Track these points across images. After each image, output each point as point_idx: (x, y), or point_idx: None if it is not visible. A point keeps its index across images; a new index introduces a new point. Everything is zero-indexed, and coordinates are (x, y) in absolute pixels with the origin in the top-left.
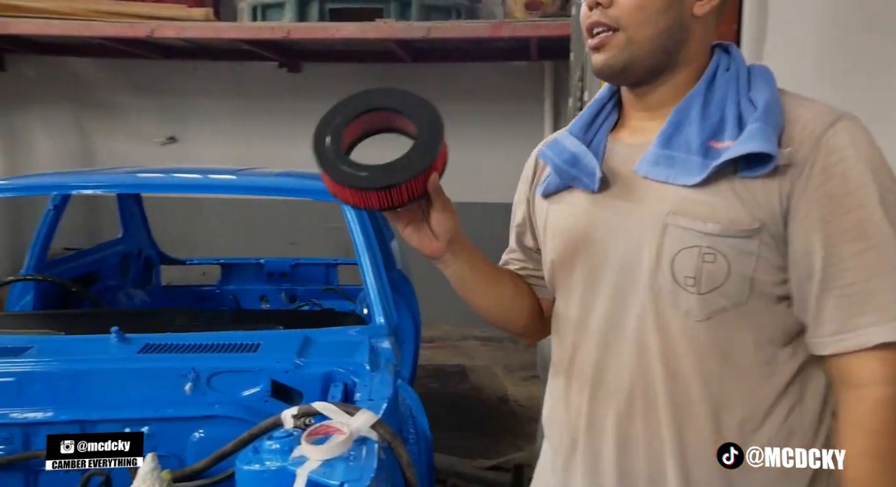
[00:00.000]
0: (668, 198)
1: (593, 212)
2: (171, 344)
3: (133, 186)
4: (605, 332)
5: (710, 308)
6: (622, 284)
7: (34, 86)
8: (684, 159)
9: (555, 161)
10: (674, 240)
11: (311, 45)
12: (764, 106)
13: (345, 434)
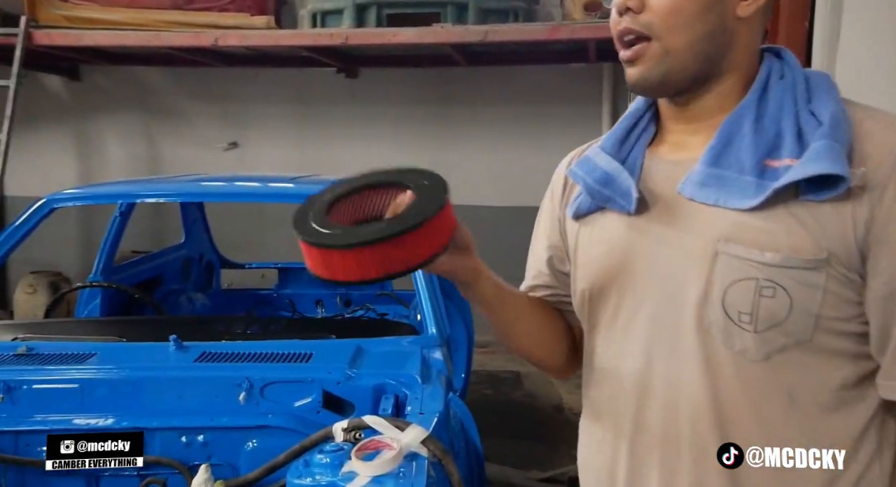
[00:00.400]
0: (718, 223)
1: (630, 238)
2: (226, 353)
3: (196, 195)
4: (645, 374)
5: (769, 347)
6: (664, 321)
7: (106, 95)
8: (737, 179)
9: (586, 180)
10: (726, 270)
11: (369, 50)
12: (831, 120)
13: (395, 450)
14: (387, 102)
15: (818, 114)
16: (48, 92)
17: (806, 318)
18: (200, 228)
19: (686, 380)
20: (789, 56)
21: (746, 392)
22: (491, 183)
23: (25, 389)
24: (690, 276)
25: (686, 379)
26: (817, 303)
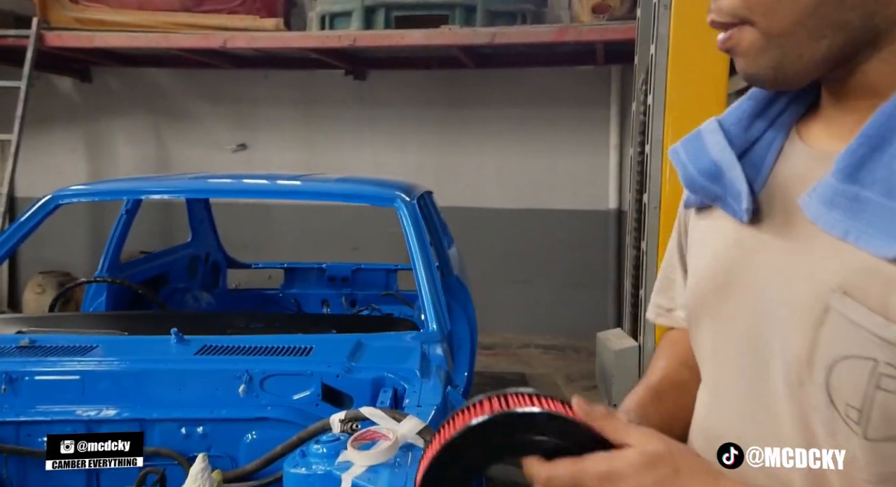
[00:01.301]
0: (840, 265)
1: (735, 256)
2: (226, 347)
3: (201, 192)
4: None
5: (888, 467)
6: (753, 375)
7: (116, 97)
8: (878, 206)
9: (687, 168)
10: (835, 337)
11: (377, 52)
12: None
13: (391, 441)
14: (395, 104)
15: None
16: (59, 93)
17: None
18: (207, 227)
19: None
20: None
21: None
22: (498, 185)
23: (27, 381)
24: (792, 334)
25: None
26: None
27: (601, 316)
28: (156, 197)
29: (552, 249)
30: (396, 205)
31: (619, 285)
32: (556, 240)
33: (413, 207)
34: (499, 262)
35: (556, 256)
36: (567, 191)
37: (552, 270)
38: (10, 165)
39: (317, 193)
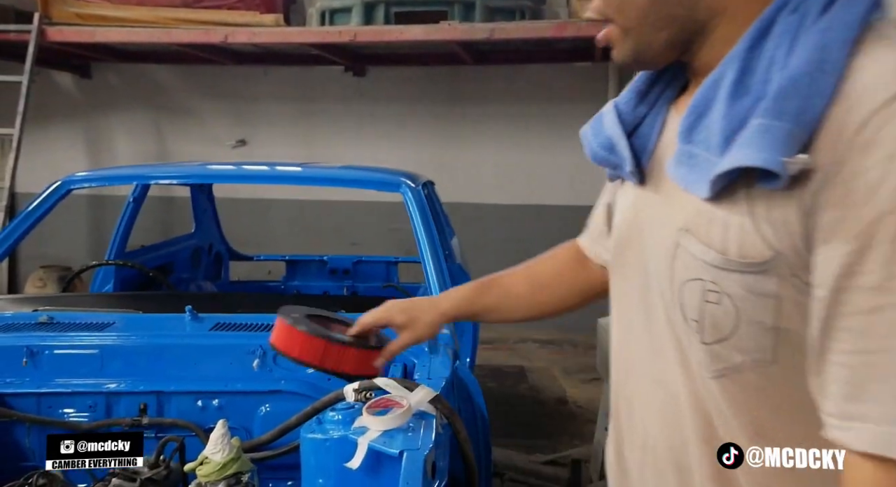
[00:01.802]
0: (685, 209)
1: (632, 215)
2: (239, 324)
3: (208, 177)
4: (632, 363)
5: (721, 364)
6: (647, 307)
7: (116, 93)
8: (703, 160)
9: (591, 144)
10: (681, 264)
11: (377, 48)
12: (781, 85)
13: (404, 407)
14: (394, 100)
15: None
16: (59, 89)
17: (761, 333)
18: (210, 219)
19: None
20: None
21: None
22: (496, 181)
23: (47, 354)
24: (662, 265)
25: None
26: (771, 315)
27: (598, 311)
28: (160, 187)
29: (550, 245)
30: (402, 191)
31: None
32: (554, 236)
33: (419, 193)
34: (497, 258)
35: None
36: (564, 187)
37: None
38: (12, 160)
39: (324, 179)
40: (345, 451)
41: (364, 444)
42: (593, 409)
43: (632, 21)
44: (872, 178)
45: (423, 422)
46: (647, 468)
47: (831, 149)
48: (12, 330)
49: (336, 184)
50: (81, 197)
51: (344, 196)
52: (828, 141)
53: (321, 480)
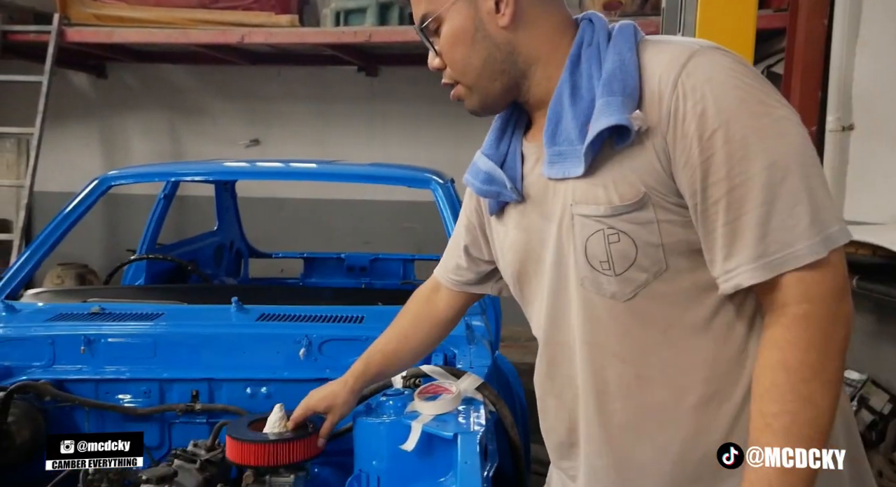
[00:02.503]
0: (570, 192)
1: (524, 223)
2: (284, 315)
3: (242, 174)
4: (553, 336)
5: (633, 285)
6: (559, 286)
7: (132, 93)
8: (570, 151)
9: (475, 184)
10: (581, 229)
11: (390, 48)
12: (605, 77)
13: (453, 393)
14: (406, 100)
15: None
16: (76, 89)
17: (654, 251)
18: (232, 217)
19: (574, 330)
20: (597, 18)
21: (623, 329)
22: None
23: (103, 342)
24: (564, 242)
25: (574, 328)
26: (656, 236)
27: None
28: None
29: None
30: (432, 188)
31: None
32: None
33: (448, 189)
34: None
35: None
36: None
37: None
38: (33, 159)
39: (357, 176)
40: (398, 434)
41: (418, 428)
42: None
43: (472, 79)
44: (695, 114)
45: (471, 408)
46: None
47: (657, 108)
48: (68, 319)
49: (369, 181)
50: None
51: (357, 195)
52: (652, 104)
53: (375, 462)
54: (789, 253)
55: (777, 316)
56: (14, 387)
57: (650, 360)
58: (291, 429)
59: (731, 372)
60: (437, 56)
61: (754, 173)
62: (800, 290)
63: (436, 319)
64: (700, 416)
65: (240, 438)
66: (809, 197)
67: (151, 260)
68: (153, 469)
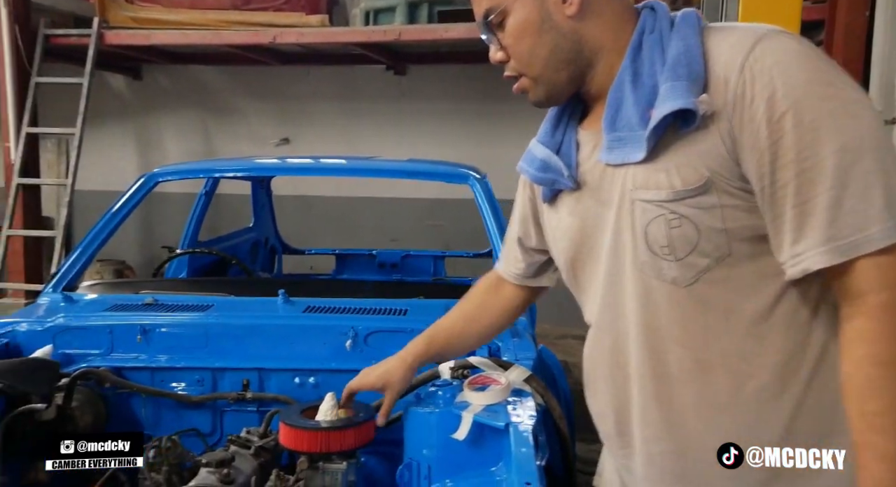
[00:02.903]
0: (629, 177)
1: (578, 210)
2: (329, 307)
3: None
4: (608, 322)
5: (694, 270)
6: (615, 271)
7: (166, 93)
8: (631, 137)
9: (529, 171)
10: (641, 214)
11: (419, 47)
12: (670, 61)
13: (502, 384)
14: (434, 98)
15: (667, 57)
16: (112, 90)
17: (716, 235)
18: (267, 214)
19: (630, 315)
20: (659, 6)
21: (683, 314)
22: None
23: (158, 332)
24: (622, 228)
25: (630, 314)
26: (719, 220)
27: None
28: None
29: None
30: (470, 183)
31: None
32: None
33: (485, 184)
34: None
35: None
36: None
37: None
38: (74, 158)
39: (396, 171)
40: (448, 424)
41: (469, 417)
42: None
43: (537, 71)
44: (763, 97)
45: (521, 399)
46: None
47: (723, 92)
48: (124, 310)
49: (408, 177)
50: None
51: (384, 193)
52: (717, 88)
53: (425, 450)
54: (862, 236)
55: (856, 306)
56: (78, 373)
57: (711, 346)
58: (343, 412)
59: (793, 360)
60: (501, 49)
61: (825, 156)
62: (877, 277)
63: (501, 308)
64: (762, 404)
65: (294, 425)
66: (884, 179)
67: (194, 255)
68: (212, 454)
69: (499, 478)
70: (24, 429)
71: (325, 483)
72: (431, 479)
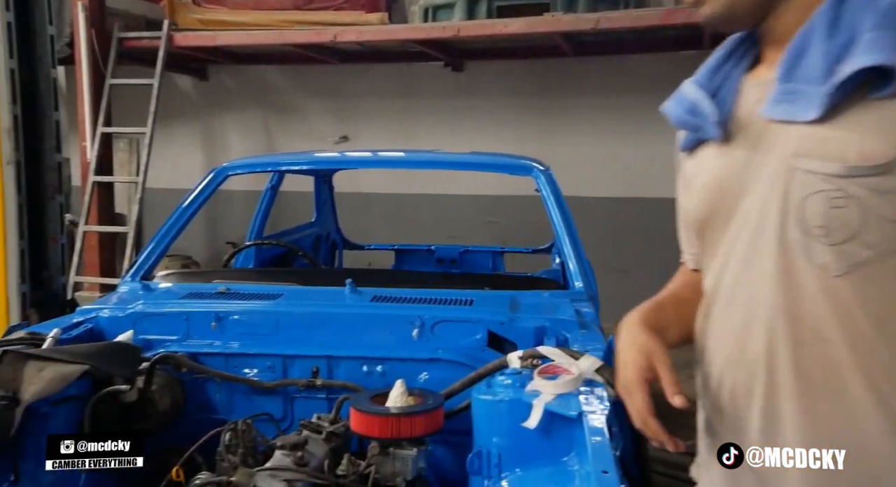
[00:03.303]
0: (792, 139)
1: (720, 166)
2: (396, 297)
3: (351, 163)
4: (734, 295)
5: (849, 260)
6: (754, 241)
7: (230, 94)
8: (806, 92)
9: (675, 111)
10: (799, 186)
11: (477, 43)
12: (885, 7)
13: (574, 374)
14: (492, 94)
15: None
16: (180, 91)
17: (884, 226)
18: (329, 209)
19: (762, 293)
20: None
21: (831, 307)
22: (595, 174)
23: (231, 320)
24: (771, 196)
25: (763, 292)
26: (894, 208)
27: None
28: (295, 173)
29: (650, 238)
30: (534, 174)
31: None
32: (655, 229)
33: (549, 175)
34: (595, 251)
35: (654, 245)
36: (666, 180)
37: (650, 260)
38: (145, 157)
39: (459, 163)
40: (519, 412)
41: (540, 406)
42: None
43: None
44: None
45: (593, 389)
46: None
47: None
48: (199, 297)
49: (470, 169)
50: None
51: (441, 189)
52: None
53: (495, 439)
54: None
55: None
56: (158, 357)
57: (858, 347)
58: (412, 399)
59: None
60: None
61: None
62: None
63: None
64: None
65: (366, 410)
66: None
67: (261, 247)
68: (286, 437)
69: (572, 469)
70: (108, 410)
71: (395, 468)
72: (502, 467)
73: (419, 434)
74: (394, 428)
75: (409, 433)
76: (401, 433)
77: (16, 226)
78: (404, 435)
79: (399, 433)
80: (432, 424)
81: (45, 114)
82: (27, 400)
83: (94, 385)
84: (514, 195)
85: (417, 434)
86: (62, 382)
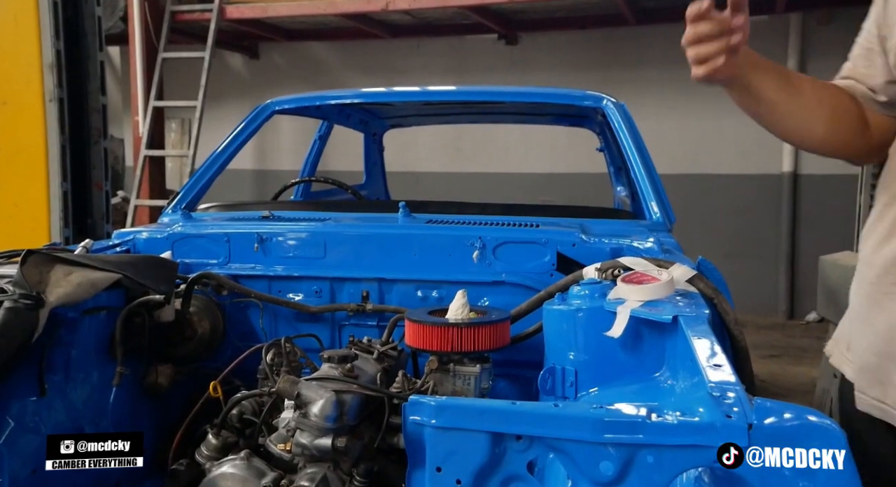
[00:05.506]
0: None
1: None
2: (453, 220)
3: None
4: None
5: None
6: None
7: (280, 71)
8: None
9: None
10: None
11: (533, 12)
12: None
13: (663, 280)
14: (547, 68)
15: None
16: (231, 70)
17: None
18: (379, 171)
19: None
20: None
21: None
22: (657, 149)
23: (275, 242)
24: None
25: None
26: None
27: (769, 287)
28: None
29: (714, 216)
30: (604, 106)
31: (792, 255)
32: (719, 207)
33: (623, 108)
34: None
35: (718, 224)
36: (733, 156)
37: (714, 238)
38: (196, 131)
39: (521, 94)
40: (600, 322)
41: (625, 313)
42: (778, 384)
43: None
44: None
45: (688, 297)
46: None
47: None
48: (242, 220)
49: (539, 99)
50: (247, 172)
51: (492, 168)
52: None
53: (572, 354)
54: None
55: None
56: (196, 276)
57: None
58: (475, 314)
59: None
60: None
61: None
62: None
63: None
64: None
65: (422, 321)
66: None
67: (308, 192)
68: (334, 351)
69: (665, 385)
70: (142, 326)
71: (455, 387)
72: (578, 387)
73: (483, 349)
74: (455, 341)
75: (472, 347)
76: (462, 346)
77: (59, 168)
78: (466, 350)
79: (460, 346)
80: (498, 339)
81: (88, 55)
82: (52, 303)
83: (127, 299)
84: (566, 172)
85: (481, 349)
86: (91, 288)
